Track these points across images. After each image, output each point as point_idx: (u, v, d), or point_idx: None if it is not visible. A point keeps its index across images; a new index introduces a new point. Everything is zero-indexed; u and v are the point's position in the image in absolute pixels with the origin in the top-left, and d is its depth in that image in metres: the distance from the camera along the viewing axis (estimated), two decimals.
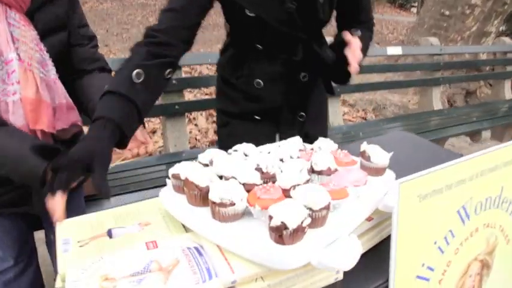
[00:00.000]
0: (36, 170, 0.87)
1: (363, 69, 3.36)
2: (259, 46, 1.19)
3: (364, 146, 0.98)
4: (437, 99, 3.72)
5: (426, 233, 0.85)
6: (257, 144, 0.97)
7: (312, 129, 1.31)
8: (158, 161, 2.12)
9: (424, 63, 3.63)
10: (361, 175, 0.83)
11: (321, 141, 1.00)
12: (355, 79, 4.92)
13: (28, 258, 1.26)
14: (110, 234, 0.80)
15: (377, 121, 3.29)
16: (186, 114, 2.66)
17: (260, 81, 1.21)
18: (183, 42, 1.06)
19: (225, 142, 1.23)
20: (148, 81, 0.96)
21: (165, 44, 1.01)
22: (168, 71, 1.04)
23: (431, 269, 0.90)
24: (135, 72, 0.93)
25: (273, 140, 1.25)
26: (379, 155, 0.94)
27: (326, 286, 0.79)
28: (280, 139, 1.26)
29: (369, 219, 0.89)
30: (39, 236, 1.31)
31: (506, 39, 4.34)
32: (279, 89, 1.24)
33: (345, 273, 0.82)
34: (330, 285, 0.80)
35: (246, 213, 0.75)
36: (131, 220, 0.84)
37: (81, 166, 0.82)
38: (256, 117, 1.28)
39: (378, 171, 0.94)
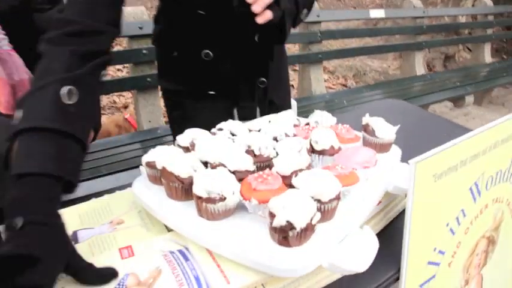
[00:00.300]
0: None
1: (343, 33, 3.22)
2: (201, 12, 0.96)
3: (367, 119, 0.85)
4: (419, 64, 3.64)
5: (439, 215, 0.79)
6: (215, 123, 0.82)
7: (275, 96, 1.12)
8: (131, 139, 1.94)
9: (407, 27, 3.51)
10: (370, 154, 0.71)
11: (318, 115, 0.87)
12: (336, 45, 4.81)
13: None
14: (75, 237, 0.66)
15: (360, 88, 3.18)
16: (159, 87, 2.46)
17: (209, 51, 0.99)
18: (110, 25, 0.73)
19: (180, 127, 1.02)
20: (85, 99, 0.63)
21: (89, 34, 0.67)
22: (104, 72, 0.72)
23: (442, 253, 0.83)
24: (63, 91, 0.60)
25: (231, 116, 1.07)
26: (384, 129, 0.82)
27: (332, 283, 0.70)
28: (239, 114, 1.07)
29: (377, 203, 0.78)
30: None
31: (487, 0, 4.25)
32: (231, 57, 1.02)
33: None
34: (336, 281, 0.70)
35: (238, 207, 0.62)
36: (101, 218, 0.70)
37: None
38: (211, 92, 1.06)
39: (383, 148, 0.82)
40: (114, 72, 3.55)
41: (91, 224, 0.69)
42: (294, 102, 1.25)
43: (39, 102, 0.60)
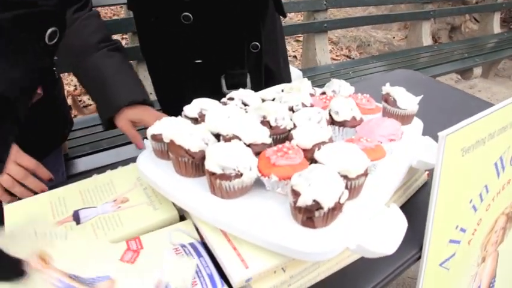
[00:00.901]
0: None
1: (350, 2, 3.09)
2: None
3: (388, 88, 0.79)
4: (426, 34, 3.51)
5: (464, 191, 0.76)
6: (203, 94, 0.72)
7: (270, 60, 1.01)
8: None
9: None
10: (396, 126, 0.65)
11: (335, 83, 0.80)
12: (339, 15, 4.67)
13: None
14: (76, 217, 0.60)
15: (365, 58, 3.08)
16: None
17: (188, 14, 0.85)
18: None
19: (168, 100, 0.91)
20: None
21: None
22: (51, 30, 0.51)
23: (464, 231, 0.81)
24: None
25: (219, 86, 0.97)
26: (406, 99, 0.76)
27: (351, 264, 0.65)
28: (227, 82, 0.96)
29: None
30: None
31: None
32: (217, 19, 0.88)
33: None
34: (356, 261, 0.66)
35: (254, 183, 0.56)
36: (104, 196, 0.65)
37: None
38: (197, 61, 0.94)
39: (406, 119, 0.77)
40: None
41: (93, 202, 0.63)
42: (299, 73, 1.19)
43: None
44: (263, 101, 0.72)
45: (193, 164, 0.55)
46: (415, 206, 0.80)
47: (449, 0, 4.36)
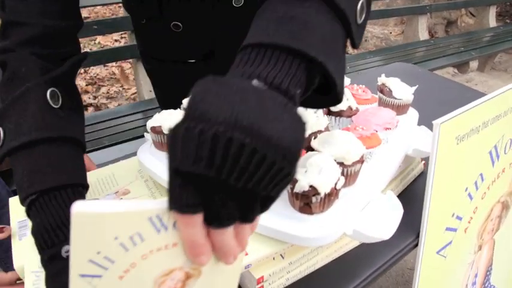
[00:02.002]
0: None
1: None
2: None
3: (383, 79, 0.80)
4: (423, 29, 3.53)
5: (459, 179, 0.78)
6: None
7: None
8: (133, 109, 1.87)
9: None
10: (391, 115, 0.66)
11: None
12: None
13: None
14: None
15: (362, 53, 3.09)
16: None
17: (178, 23, 0.83)
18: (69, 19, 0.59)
19: (167, 99, 0.89)
20: (67, 97, 0.55)
21: (48, 36, 0.55)
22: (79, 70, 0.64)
23: (460, 219, 0.82)
24: (48, 93, 0.52)
25: None
26: (401, 89, 0.77)
27: (350, 251, 0.67)
28: None
29: None
30: None
31: None
32: (207, 26, 0.85)
33: None
34: (355, 249, 0.67)
35: None
36: (105, 188, 0.66)
37: None
38: (190, 60, 0.91)
39: (401, 109, 0.78)
40: (112, 43, 3.44)
41: (95, 195, 0.64)
42: None
43: (25, 118, 0.49)
44: None
45: None
46: (411, 195, 0.82)
47: None
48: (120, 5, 2.08)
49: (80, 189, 0.52)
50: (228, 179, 0.26)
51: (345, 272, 0.63)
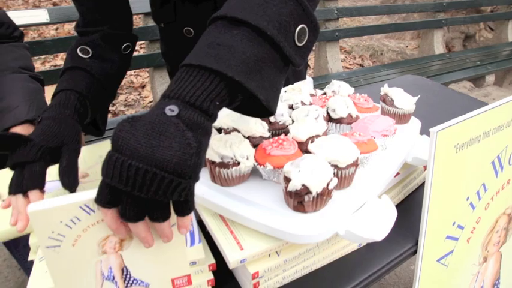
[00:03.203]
0: None
1: (360, 11, 3.10)
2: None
3: (386, 89, 0.82)
4: (438, 43, 3.52)
5: (459, 188, 0.78)
6: None
7: None
8: None
9: (426, 4, 3.39)
10: (389, 122, 0.68)
11: (335, 84, 0.84)
12: (352, 24, 4.67)
13: None
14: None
15: (377, 66, 3.09)
16: None
17: (190, 29, 0.93)
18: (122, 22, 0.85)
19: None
20: (98, 54, 0.79)
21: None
22: (125, 45, 0.85)
23: (462, 228, 0.82)
24: (79, 49, 0.77)
25: None
26: (403, 99, 0.79)
27: (349, 254, 0.68)
28: None
29: (395, 174, 0.75)
30: None
31: None
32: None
33: None
34: (353, 253, 0.69)
35: (252, 173, 0.60)
36: None
37: (51, 153, 0.61)
38: (189, 28, 0.99)
39: (403, 118, 0.80)
40: None
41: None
42: (309, 79, 1.22)
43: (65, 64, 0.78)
44: None
45: None
46: (413, 203, 0.83)
47: (463, 8, 4.34)
48: (140, 16, 2.15)
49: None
50: (132, 191, 0.37)
51: (341, 275, 0.65)
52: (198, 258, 0.54)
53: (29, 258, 0.62)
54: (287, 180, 0.50)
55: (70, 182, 0.60)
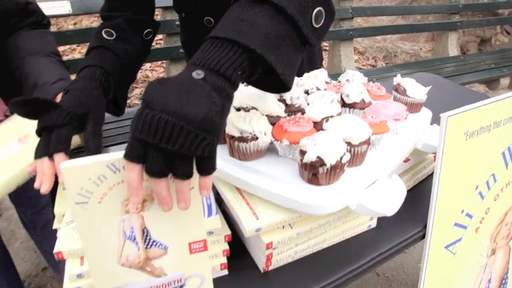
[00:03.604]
0: None
1: (375, 11, 3.11)
2: None
3: (398, 79, 0.85)
4: (453, 45, 3.51)
5: (469, 176, 0.79)
6: None
7: None
8: None
9: (441, 5, 3.39)
10: (401, 108, 0.71)
11: (349, 73, 0.87)
12: (366, 23, 4.66)
13: None
14: None
15: (390, 67, 3.10)
16: None
17: (211, 18, 0.97)
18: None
19: None
20: (122, 37, 0.85)
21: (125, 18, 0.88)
22: (147, 31, 0.92)
23: (470, 216, 0.83)
24: (104, 31, 0.83)
25: None
26: (415, 89, 0.82)
27: (359, 234, 0.71)
28: None
29: (405, 160, 0.78)
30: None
31: None
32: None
33: (379, 220, 0.73)
34: (363, 233, 0.71)
35: (268, 151, 0.63)
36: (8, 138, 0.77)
37: (78, 119, 0.66)
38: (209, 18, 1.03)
39: (414, 107, 0.82)
40: None
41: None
42: (324, 72, 1.25)
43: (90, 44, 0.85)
44: None
45: None
46: (422, 192, 0.85)
47: (480, 10, 4.31)
48: (159, 9, 2.20)
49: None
50: (160, 143, 0.39)
51: (351, 253, 0.67)
52: (214, 228, 0.57)
53: (54, 227, 0.66)
54: (302, 153, 0.53)
55: (95, 146, 0.64)
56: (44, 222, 1.33)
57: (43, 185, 0.61)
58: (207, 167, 0.43)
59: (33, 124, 0.67)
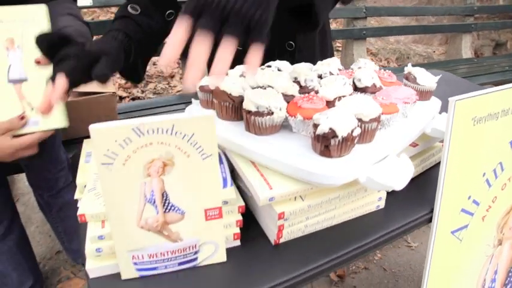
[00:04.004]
0: None
1: (389, 11, 3.11)
2: None
3: (409, 68, 0.87)
4: (466, 47, 3.50)
5: (476, 162, 0.80)
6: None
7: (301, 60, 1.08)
8: (178, 100, 2.04)
9: (456, 7, 3.39)
10: (411, 92, 0.74)
11: (361, 62, 0.89)
12: (380, 25, 4.66)
13: (11, 214, 1.23)
14: None
15: (402, 67, 3.11)
16: None
17: None
18: None
19: None
20: (146, 13, 0.87)
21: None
22: (169, 12, 0.92)
23: (477, 203, 0.85)
24: (129, 6, 0.85)
25: None
26: (425, 77, 0.84)
27: (367, 214, 0.73)
28: None
29: (414, 145, 0.80)
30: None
31: None
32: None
33: (387, 202, 0.75)
34: (372, 213, 0.74)
35: (283, 128, 0.66)
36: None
37: (92, 58, 0.68)
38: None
39: (424, 95, 0.84)
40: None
41: None
42: (337, 60, 1.26)
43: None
44: None
45: (233, 108, 0.67)
46: (430, 178, 0.87)
47: (495, 13, 4.28)
48: None
49: None
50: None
51: (359, 231, 0.70)
52: (229, 198, 0.61)
53: (75, 197, 0.70)
54: (315, 126, 0.56)
55: (102, 72, 0.66)
56: (61, 205, 1.38)
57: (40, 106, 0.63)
58: (257, 34, 0.46)
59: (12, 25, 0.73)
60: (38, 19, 0.82)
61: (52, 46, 0.66)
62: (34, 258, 1.37)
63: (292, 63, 1.05)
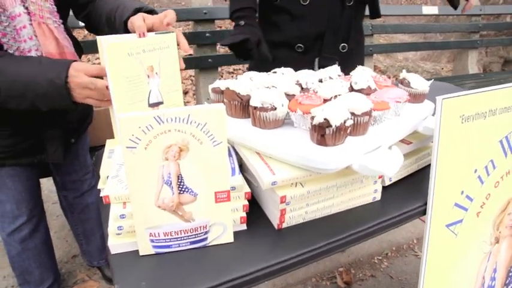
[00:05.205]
0: (57, 81, 0.77)
1: (395, 28, 3.17)
2: None
3: (404, 74, 0.95)
4: (473, 63, 3.55)
5: (466, 158, 0.83)
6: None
7: (351, 62, 1.23)
8: None
9: (461, 24, 3.46)
10: (402, 92, 0.81)
11: (359, 68, 0.97)
12: (388, 41, 4.71)
13: (40, 213, 1.32)
14: None
15: None
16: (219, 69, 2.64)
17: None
18: None
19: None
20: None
21: None
22: None
23: (470, 199, 0.88)
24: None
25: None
26: (419, 81, 0.91)
27: (364, 205, 0.79)
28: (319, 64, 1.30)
29: (408, 143, 0.87)
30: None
31: None
32: (324, 10, 1.23)
33: (383, 195, 0.81)
34: (368, 204, 0.80)
35: (286, 124, 0.74)
36: None
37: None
38: (300, 45, 1.26)
39: (417, 97, 0.91)
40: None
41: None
42: (337, 67, 1.40)
43: None
44: None
45: (241, 106, 0.75)
46: (425, 175, 0.91)
47: (500, 29, 4.32)
48: (190, 22, 2.37)
49: None
50: None
51: (356, 219, 0.76)
52: (237, 184, 0.68)
53: (98, 187, 0.77)
54: (312, 118, 0.64)
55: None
56: (83, 207, 1.46)
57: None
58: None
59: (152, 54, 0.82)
60: (171, 45, 0.87)
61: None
62: (55, 259, 1.45)
63: (344, 64, 1.16)
